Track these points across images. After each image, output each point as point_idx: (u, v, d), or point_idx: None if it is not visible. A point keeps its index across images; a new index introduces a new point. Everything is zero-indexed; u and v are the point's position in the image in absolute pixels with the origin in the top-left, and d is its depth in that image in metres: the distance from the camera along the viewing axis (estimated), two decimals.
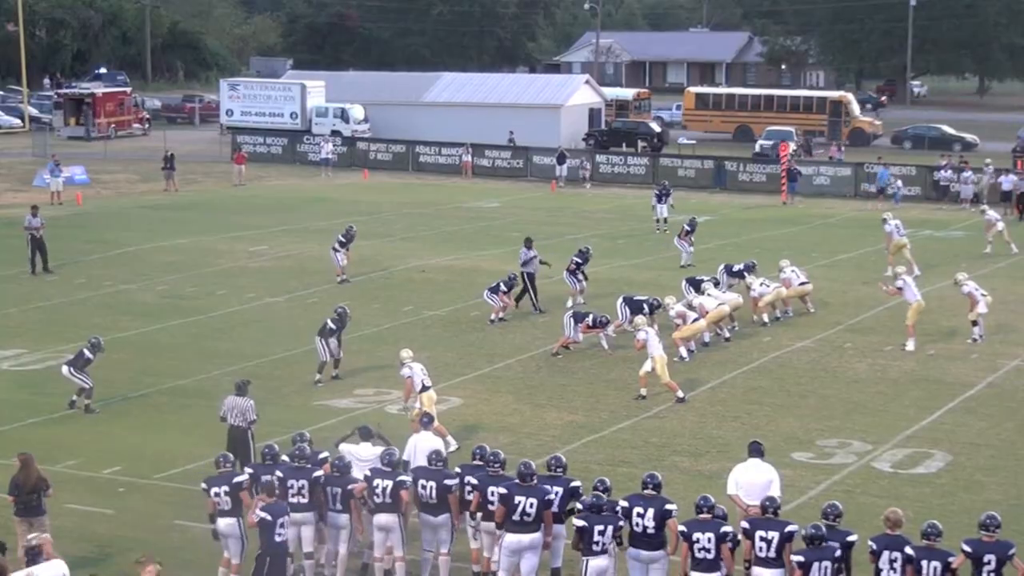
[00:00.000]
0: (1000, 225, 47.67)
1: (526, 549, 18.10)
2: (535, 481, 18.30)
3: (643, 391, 29.08)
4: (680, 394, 28.87)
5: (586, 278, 38.56)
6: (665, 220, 52.64)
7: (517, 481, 18.29)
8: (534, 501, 18.08)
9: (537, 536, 18.18)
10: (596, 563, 17.50)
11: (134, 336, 34.55)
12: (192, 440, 25.57)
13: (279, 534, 17.85)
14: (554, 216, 57.57)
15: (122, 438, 26.11)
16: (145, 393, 29.26)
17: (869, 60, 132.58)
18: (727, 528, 17.24)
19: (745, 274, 37.16)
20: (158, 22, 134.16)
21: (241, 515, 18.72)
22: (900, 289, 33.95)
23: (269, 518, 17.81)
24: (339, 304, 31.71)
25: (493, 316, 36.21)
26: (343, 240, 41.45)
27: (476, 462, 19.23)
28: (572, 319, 33.12)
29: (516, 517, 18.09)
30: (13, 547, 17.64)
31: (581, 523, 17.51)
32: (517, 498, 18.10)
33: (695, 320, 32.57)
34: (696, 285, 35.70)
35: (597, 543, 17.43)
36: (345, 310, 30.45)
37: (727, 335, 34.22)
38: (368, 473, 19.04)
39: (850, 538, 16.97)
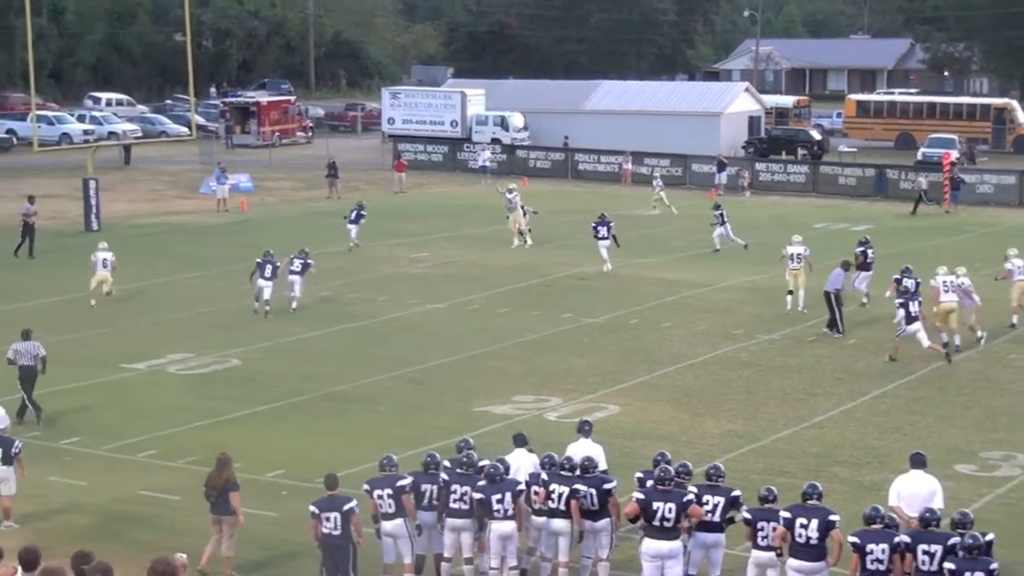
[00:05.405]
0: None
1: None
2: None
3: (1014, 319, 35.51)
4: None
5: None
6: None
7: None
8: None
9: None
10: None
11: (296, 342, 35.09)
12: (352, 444, 25.94)
13: (325, 527, 18.52)
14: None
15: (284, 443, 26.52)
16: (307, 398, 29.71)
17: None
18: (899, 539, 17.09)
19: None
20: (321, 31, 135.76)
21: (405, 515, 18.96)
22: None
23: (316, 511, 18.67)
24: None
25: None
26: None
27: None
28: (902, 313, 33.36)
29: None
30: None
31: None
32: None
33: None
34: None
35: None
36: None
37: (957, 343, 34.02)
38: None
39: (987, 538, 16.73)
